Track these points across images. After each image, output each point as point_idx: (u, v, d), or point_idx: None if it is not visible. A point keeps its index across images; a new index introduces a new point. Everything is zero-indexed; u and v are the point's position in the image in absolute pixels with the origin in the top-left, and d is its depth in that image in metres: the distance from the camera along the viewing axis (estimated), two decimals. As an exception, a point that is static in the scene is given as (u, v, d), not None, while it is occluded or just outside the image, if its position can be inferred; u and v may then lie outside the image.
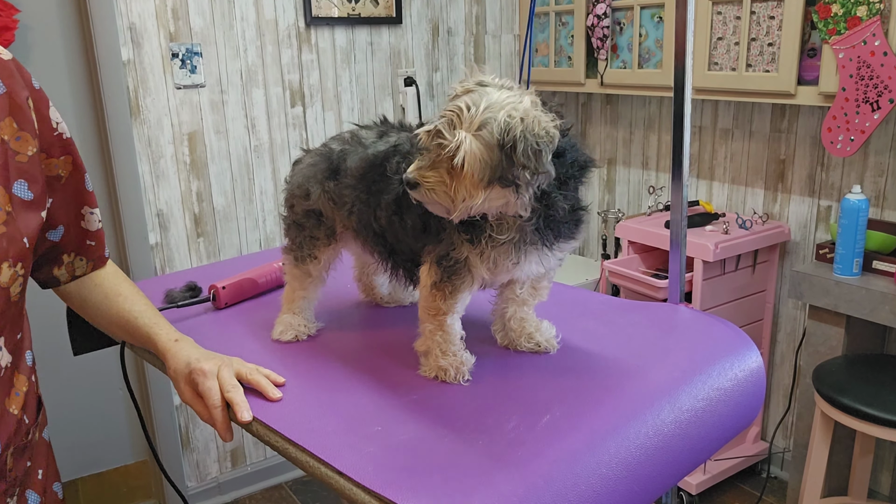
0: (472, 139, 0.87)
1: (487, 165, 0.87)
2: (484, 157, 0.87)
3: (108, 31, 2.29)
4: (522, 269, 0.99)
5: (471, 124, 0.87)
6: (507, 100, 0.88)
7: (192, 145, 2.51)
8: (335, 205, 1.14)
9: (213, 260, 2.63)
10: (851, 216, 2.07)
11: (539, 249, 0.97)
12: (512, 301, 1.10)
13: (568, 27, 2.96)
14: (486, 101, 0.88)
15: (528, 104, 0.89)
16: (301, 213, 1.19)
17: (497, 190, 0.88)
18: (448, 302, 1.01)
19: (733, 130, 2.69)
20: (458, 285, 1.00)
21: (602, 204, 3.34)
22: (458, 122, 0.88)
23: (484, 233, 0.95)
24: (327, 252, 1.19)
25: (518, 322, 1.11)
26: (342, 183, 1.12)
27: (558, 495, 0.78)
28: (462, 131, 0.87)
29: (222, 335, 1.24)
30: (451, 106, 0.90)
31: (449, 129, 0.88)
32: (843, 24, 2.04)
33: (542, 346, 1.11)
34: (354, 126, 1.19)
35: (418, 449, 0.85)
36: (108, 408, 2.68)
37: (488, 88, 0.91)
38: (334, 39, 2.73)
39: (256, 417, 0.95)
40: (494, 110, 0.87)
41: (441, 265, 1.00)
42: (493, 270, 0.98)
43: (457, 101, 0.90)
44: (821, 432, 2.11)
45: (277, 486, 2.86)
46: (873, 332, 2.29)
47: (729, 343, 1.12)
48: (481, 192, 0.88)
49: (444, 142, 0.88)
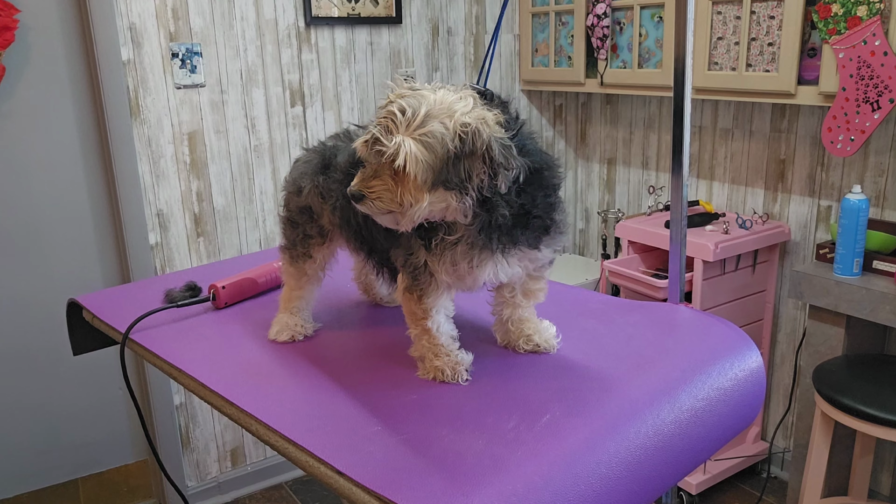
0: (412, 142, 0.86)
1: (430, 167, 0.86)
2: (426, 158, 0.86)
3: (108, 31, 2.29)
4: (483, 273, 0.97)
5: (408, 127, 0.86)
6: (449, 101, 0.88)
7: (192, 145, 2.51)
8: (323, 200, 1.14)
9: (213, 260, 2.63)
10: (852, 216, 2.07)
11: (493, 255, 0.95)
12: (506, 303, 1.09)
13: (568, 27, 2.96)
14: (425, 104, 0.87)
15: (471, 103, 0.88)
16: (295, 210, 1.20)
17: (440, 193, 0.88)
18: (422, 306, 1.00)
19: (733, 130, 2.69)
20: (426, 289, 0.99)
21: (602, 204, 3.34)
22: (394, 127, 0.87)
23: (437, 235, 0.95)
24: (322, 251, 1.19)
25: (517, 323, 1.10)
26: (331, 178, 1.13)
27: (558, 495, 0.78)
28: (399, 135, 0.86)
29: (222, 335, 1.23)
30: (385, 112, 0.88)
31: (386, 135, 0.87)
32: (844, 24, 2.04)
33: (542, 348, 1.10)
34: (353, 126, 1.20)
35: (418, 449, 0.85)
36: (108, 408, 2.68)
37: (423, 91, 0.90)
38: (334, 39, 2.73)
39: (256, 417, 0.95)
40: (438, 111, 0.87)
41: (407, 270, 1.00)
42: (452, 274, 0.97)
43: (390, 106, 0.88)
44: (821, 432, 2.11)
45: (277, 486, 2.86)
46: (873, 332, 2.29)
47: (729, 343, 1.12)
48: (426, 195, 0.87)
49: (383, 148, 0.87)
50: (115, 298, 1.43)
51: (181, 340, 1.22)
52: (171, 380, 1.17)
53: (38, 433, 2.57)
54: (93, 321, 1.36)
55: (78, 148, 2.43)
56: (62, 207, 2.44)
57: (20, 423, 2.53)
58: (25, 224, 2.40)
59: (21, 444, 2.55)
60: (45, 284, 2.46)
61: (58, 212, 2.44)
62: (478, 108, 0.88)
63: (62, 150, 2.41)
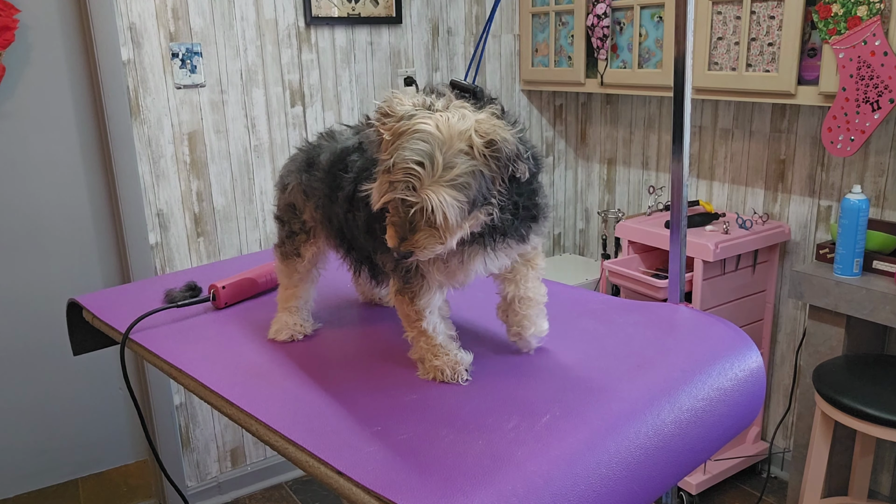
0: (444, 191, 0.83)
1: (466, 203, 0.85)
2: (460, 199, 0.84)
3: (108, 31, 2.29)
4: (473, 268, 0.97)
5: (433, 176, 0.83)
6: (453, 125, 0.85)
7: (192, 145, 2.51)
8: (306, 197, 1.15)
9: (213, 260, 2.63)
10: (852, 216, 2.07)
11: (483, 249, 0.95)
12: (509, 280, 1.07)
13: (568, 27, 2.96)
14: (437, 146, 0.83)
15: (469, 115, 0.86)
16: (282, 207, 1.21)
17: (475, 214, 0.88)
18: (415, 307, 1.00)
19: (733, 130, 2.69)
20: (417, 291, 0.99)
21: (602, 204, 3.34)
22: (418, 183, 0.83)
23: None
24: (310, 249, 1.19)
25: (524, 302, 1.06)
26: (313, 176, 1.13)
27: (558, 495, 0.78)
28: (428, 190, 0.83)
29: (222, 335, 1.24)
30: (401, 167, 0.84)
31: (412, 192, 0.84)
32: (844, 24, 2.04)
33: (523, 338, 1.08)
34: (339, 126, 1.20)
35: (418, 449, 0.85)
36: (108, 408, 2.67)
37: (419, 121, 0.85)
38: (334, 39, 2.73)
39: (256, 417, 0.95)
40: (452, 144, 0.84)
41: (397, 272, 1.00)
42: (444, 271, 0.97)
43: (401, 156, 0.84)
44: (821, 432, 2.11)
45: (277, 486, 2.86)
46: (873, 332, 2.29)
47: (729, 343, 1.12)
48: (467, 224, 0.87)
49: (414, 205, 0.84)
50: (115, 298, 1.43)
51: (181, 340, 1.22)
52: (171, 380, 1.16)
53: (38, 433, 2.57)
54: (93, 321, 1.36)
55: (78, 148, 2.43)
56: (62, 207, 2.44)
57: (20, 423, 2.53)
58: (25, 224, 2.40)
59: (21, 444, 2.55)
60: (45, 284, 2.46)
61: (58, 212, 2.44)
62: (483, 117, 0.87)
63: (62, 149, 2.40)
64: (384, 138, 0.88)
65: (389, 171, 0.85)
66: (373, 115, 0.92)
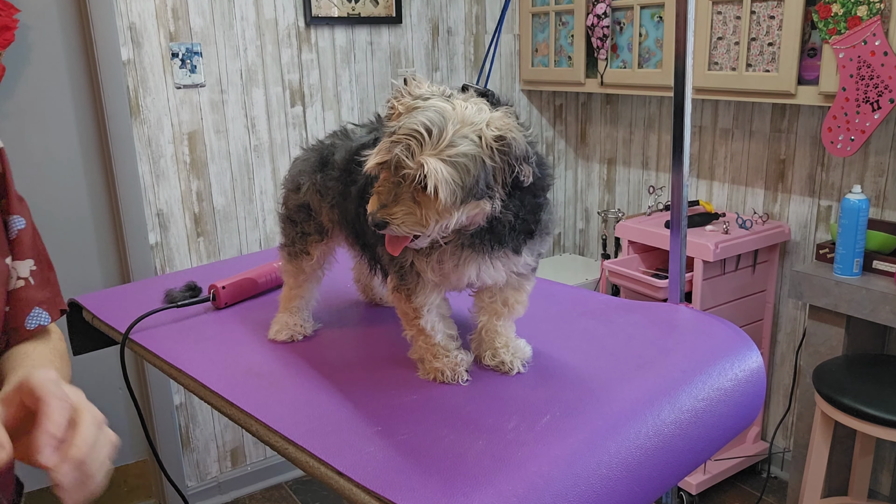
0: (441, 164, 0.81)
1: (460, 186, 0.82)
2: (455, 179, 0.82)
3: (108, 31, 2.29)
4: (466, 272, 0.95)
5: (435, 147, 0.81)
6: (470, 114, 0.84)
7: (192, 145, 2.51)
8: (321, 197, 1.14)
9: (213, 260, 2.63)
10: (852, 216, 2.07)
11: (479, 255, 0.93)
12: (485, 309, 1.04)
13: (568, 27, 2.96)
14: (451, 122, 0.82)
15: (486, 111, 0.85)
16: (293, 208, 1.20)
17: (470, 204, 0.85)
18: (412, 305, 0.99)
19: (733, 130, 2.69)
20: (413, 288, 0.98)
21: (602, 204, 3.34)
22: (417, 148, 0.81)
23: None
24: (320, 248, 1.19)
25: (490, 333, 1.04)
26: (328, 175, 1.12)
27: (558, 495, 0.78)
28: (425, 156, 0.81)
29: (222, 335, 1.23)
30: (407, 129, 0.82)
31: (410, 156, 0.82)
32: (844, 24, 2.04)
33: (506, 366, 1.03)
34: (351, 125, 1.20)
35: (418, 449, 0.85)
36: (108, 408, 2.66)
37: (436, 102, 0.85)
38: (334, 39, 2.73)
39: (256, 417, 0.95)
40: (464, 127, 0.83)
41: (394, 269, 0.99)
42: (438, 272, 0.95)
43: (409, 121, 0.82)
44: (821, 432, 2.11)
45: (277, 486, 2.86)
46: (873, 332, 2.29)
47: (729, 343, 1.12)
48: (455, 213, 0.85)
49: (408, 171, 0.82)
50: (115, 298, 1.43)
51: (181, 340, 1.21)
52: (171, 380, 1.16)
53: (37, 433, 2.57)
54: (93, 321, 1.36)
55: (78, 148, 2.42)
56: (62, 207, 2.44)
57: (20, 423, 2.53)
58: (25, 224, 2.40)
59: (21, 444, 2.55)
60: (44, 284, 2.46)
61: (58, 211, 2.43)
62: (498, 115, 0.86)
63: (62, 149, 2.40)
64: (397, 111, 0.87)
65: (393, 135, 0.84)
66: (383, 112, 0.91)
